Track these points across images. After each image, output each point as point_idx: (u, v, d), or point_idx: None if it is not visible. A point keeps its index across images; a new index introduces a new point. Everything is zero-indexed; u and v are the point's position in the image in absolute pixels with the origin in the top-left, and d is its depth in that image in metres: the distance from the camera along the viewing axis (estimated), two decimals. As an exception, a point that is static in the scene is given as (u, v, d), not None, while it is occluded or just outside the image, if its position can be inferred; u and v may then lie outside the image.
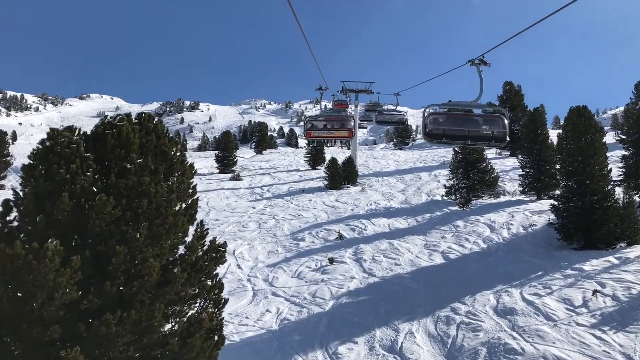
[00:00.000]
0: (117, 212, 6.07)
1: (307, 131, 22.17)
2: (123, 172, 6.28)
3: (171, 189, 6.82)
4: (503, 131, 12.42)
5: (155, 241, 6.35)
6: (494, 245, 19.54)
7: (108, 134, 6.30)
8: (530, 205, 24.60)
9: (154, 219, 6.36)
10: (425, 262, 18.29)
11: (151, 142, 6.69)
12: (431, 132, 12.77)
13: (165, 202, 6.35)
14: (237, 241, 22.03)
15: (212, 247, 7.40)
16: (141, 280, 6.12)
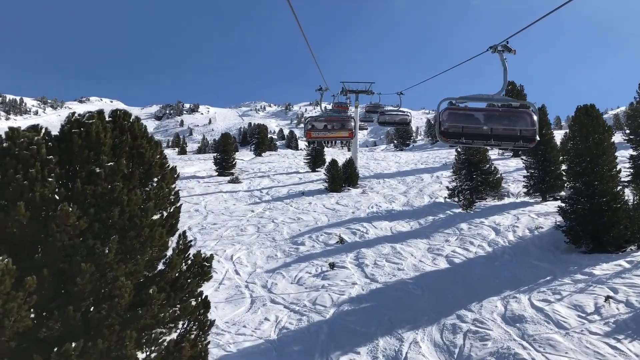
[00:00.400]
0: (82, 223, 5.29)
1: (307, 132, 22.01)
2: (91, 177, 5.52)
3: (148, 196, 6.08)
4: (532, 129, 10.78)
5: (128, 257, 5.59)
6: (499, 248, 18.95)
7: (75, 133, 5.55)
8: (536, 207, 24.02)
9: (127, 231, 5.61)
10: (429, 266, 17.71)
11: (126, 143, 5.96)
12: (447, 130, 11.03)
13: (140, 211, 5.62)
14: (235, 246, 21.45)
15: (196, 262, 6.66)
16: (111, 303, 5.33)
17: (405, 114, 33.38)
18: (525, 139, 10.85)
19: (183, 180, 40.42)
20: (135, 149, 6.12)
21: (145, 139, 6.36)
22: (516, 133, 10.82)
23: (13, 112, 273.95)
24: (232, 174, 42.10)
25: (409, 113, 33.61)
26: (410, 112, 33.96)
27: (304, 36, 11.10)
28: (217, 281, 17.52)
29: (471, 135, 11.04)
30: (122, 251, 5.65)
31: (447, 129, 11.10)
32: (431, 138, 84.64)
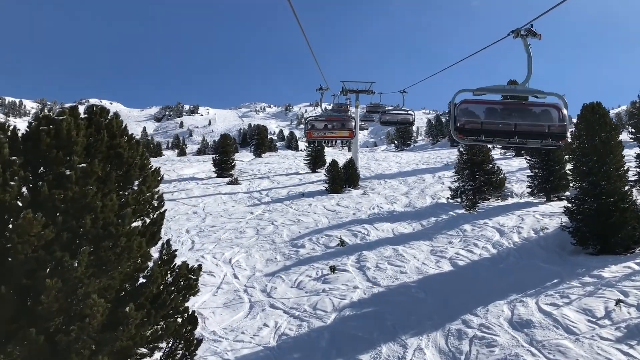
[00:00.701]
0: (49, 233, 4.63)
1: (307, 131, 21.96)
2: (60, 181, 4.87)
3: (126, 201, 5.51)
4: (562, 125, 9.52)
5: (102, 270, 5.02)
6: (504, 250, 18.51)
7: (43, 131, 4.95)
8: (540, 208, 23.58)
9: (101, 240, 5.02)
10: (432, 269, 17.27)
11: (102, 142, 5.39)
12: (463, 127, 9.61)
13: (116, 218, 5.05)
14: (234, 249, 21.00)
15: (181, 274, 6.12)
16: (81, 323, 4.65)
17: (408, 113, 31.98)
18: (554, 136, 9.49)
19: (182, 182, 40.00)
20: (114, 149, 5.54)
21: (124, 137, 5.79)
22: (544, 129, 9.42)
23: (12, 114, 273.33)
24: (232, 175, 41.67)
25: (412, 112, 32.10)
26: (413, 112, 32.20)
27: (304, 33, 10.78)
28: (215, 285, 17.10)
29: (492, 132, 9.58)
30: (94, 264, 5.01)
31: (464, 125, 9.67)
32: (432, 138, 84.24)
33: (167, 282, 5.94)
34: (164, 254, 6.08)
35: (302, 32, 10.34)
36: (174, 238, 23.06)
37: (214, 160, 43.67)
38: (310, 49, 12.66)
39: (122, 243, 5.19)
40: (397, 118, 31.86)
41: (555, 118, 9.50)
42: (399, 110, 32.09)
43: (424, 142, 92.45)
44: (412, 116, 31.88)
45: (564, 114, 9.51)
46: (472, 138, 9.90)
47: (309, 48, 12.63)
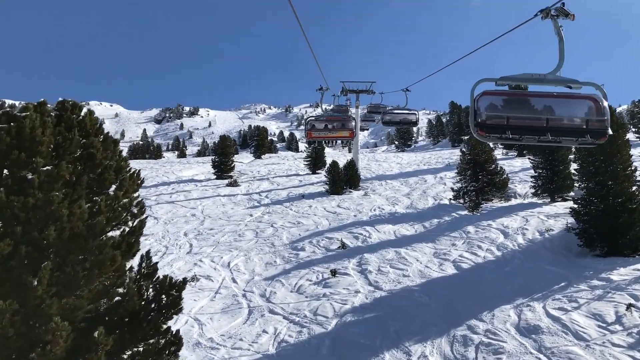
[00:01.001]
0: (4, 246, 4.04)
1: (307, 132, 21.67)
2: (21, 186, 4.30)
3: (99, 209, 4.96)
4: (601, 120, 8.03)
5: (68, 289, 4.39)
6: (509, 252, 18.09)
7: (2, 129, 4.40)
8: (545, 209, 23.14)
9: (67, 254, 4.45)
10: (435, 272, 16.85)
11: (72, 142, 4.79)
12: (485, 122, 8.20)
13: (86, 228, 4.55)
14: (233, 252, 20.57)
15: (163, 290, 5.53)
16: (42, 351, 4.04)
17: (411, 113, 29.79)
18: (593, 134, 8.03)
19: (180, 184, 39.49)
20: (86, 149, 5.01)
21: (102, 136, 5.24)
22: (581, 125, 8.04)
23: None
24: (231, 177, 41.20)
25: (415, 112, 29.88)
26: (416, 111, 29.97)
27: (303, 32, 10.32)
28: (213, 290, 16.70)
29: (520, 128, 8.13)
30: (58, 282, 4.35)
31: (485, 120, 8.22)
32: (432, 139, 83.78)
33: (146, 299, 5.35)
34: (144, 267, 5.49)
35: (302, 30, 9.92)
36: (172, 241, 22.65)
37: (213, 161, 43.19)
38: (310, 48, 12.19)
39: (92, 257, 4.63)
40: (399, 118, 29.78)
41: (594, 112, 8.10)
42: (402, 110, 30.10)
43: (424, 142, 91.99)
44: (415, 116, 29.82)
45: (603, 106, 8.11)
46: (495, 136, 8.38)
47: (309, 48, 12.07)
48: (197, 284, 17.33)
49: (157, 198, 33.33)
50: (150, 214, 28.51)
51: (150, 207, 30.04)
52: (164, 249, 21.49)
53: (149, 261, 5.39)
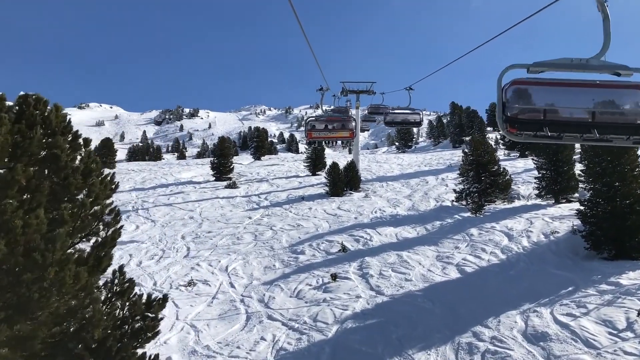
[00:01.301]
0: None
1: (308, 132, 21.49)
2: None
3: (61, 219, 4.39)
4: None
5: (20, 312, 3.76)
6: (513, 255, 17.65)
7: None
8: (549, 210, 22.70)
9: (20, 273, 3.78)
10: (438, 276, 16.40)
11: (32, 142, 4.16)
12: (516, 117, 6.56)
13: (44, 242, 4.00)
14: (231, 255, 20.13)
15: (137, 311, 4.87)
16: None
17: (414, 112, 28.04)
18: None
19: (179, 186, 39.10)
20: (50, 150, 4.46)
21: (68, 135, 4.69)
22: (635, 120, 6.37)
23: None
24: (230, 178, 40.78)
25: (419, 111, 28.11)
26: (420, 111, 28.27)
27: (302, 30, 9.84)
28: (210, 295, 16.26)
29: (559, 124, 6.51)
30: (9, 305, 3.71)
31: (517, 114, 6.60)
32: (433, 139, 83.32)
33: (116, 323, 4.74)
34: (116, 284, 4.86)
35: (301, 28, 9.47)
36: (169, 244, 22.23)
37: (212, 163, 42.79)
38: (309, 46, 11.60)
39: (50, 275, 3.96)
40: (402, 118, 28.12)
41: None
42: (405, 110, 28.41)
43: (425, 143, 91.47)
44: (419, 116, 28.12)
45: None
46: (529, 133, 6.66)
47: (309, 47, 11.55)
48: (194, 288, 16.90)
49: (155, 200, 32.94)
50: (148, 216, 28.12)
51: (148, 210, 29.67)
52: (160, 253, 21.06)
53: (122, 277, 4.77)
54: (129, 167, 57.40)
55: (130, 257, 20.67)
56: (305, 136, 22.21)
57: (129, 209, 30.25)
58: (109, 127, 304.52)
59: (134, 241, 23.15)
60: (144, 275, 18.41)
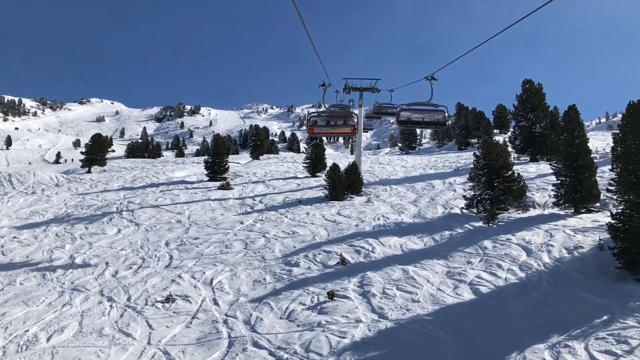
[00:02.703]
0: None
1: (310, 127, 20.87)
2: None
3: None
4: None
5: None
6: (534, 274, 15.60)
7: None
8: (570, 221, 20.64)
9: None
10: (450, 297, 14.35)
11: None
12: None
13: None
14: (218, 266, 18.10)
15: None
16: None
17: (438, 110, 20.09)
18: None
19: (170, 186, 37.12)
20: None
21: None
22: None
23: (11, 113, 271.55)
24: (225, 179, 38.74)
25: (444, 107, 20.13)
26: (445, 107, 20.07)
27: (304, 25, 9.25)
28: (190, 314, 14.24)
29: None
30: None
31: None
32: (438, 141, 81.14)
33: None
34: None
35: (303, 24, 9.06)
36: (151, 252, 20.21)
37: (206, 162, 40.69)
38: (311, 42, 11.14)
39: None
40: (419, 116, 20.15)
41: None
42: (425, 106, 20.22)
43: (429, 145, 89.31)
44: (444, 113, 20.22)
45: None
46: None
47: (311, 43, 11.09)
48: (172, 305, 14.88)
49: (142, 201, 30.93)
50: (132, 219, 26.11)
51: (133, 212, 27.65)
52: (140, 262, 19.05)
53: None
54: (122, 164, 55.39)
55: (107, 266, 18.66)
56: (307, 131, 21.75)
57: (112, 211, 28.25)
58: (109, 122, 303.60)
59: (113, 247, 21.13)
60: (118, 288, 16.38)
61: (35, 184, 39.50)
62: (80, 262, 19.32)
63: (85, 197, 33.48)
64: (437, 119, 20.22)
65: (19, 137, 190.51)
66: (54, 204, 31.50)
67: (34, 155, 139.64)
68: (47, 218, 27.49)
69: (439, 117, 20.15)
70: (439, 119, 20.18)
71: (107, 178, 42.77)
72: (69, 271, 18.37)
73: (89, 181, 41.25)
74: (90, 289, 16.40)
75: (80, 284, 16.96)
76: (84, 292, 16.10)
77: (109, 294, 15.90)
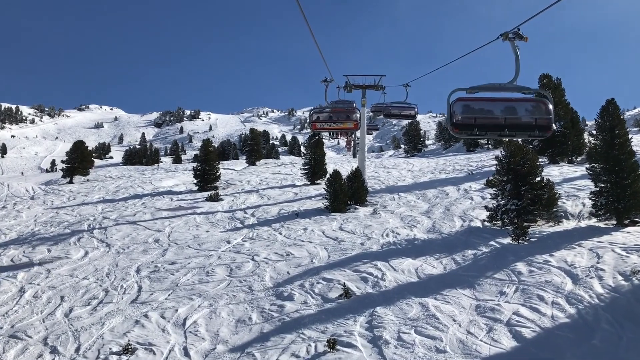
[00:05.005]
0: None
1: (312, 123, 21.88)
2: None
3: None
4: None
5: None
6: (588, 310, 12.33)
7: None
8: (616, 237, 17.38)
9: None
10: (485, 344, 11.07)
11: None
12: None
13: None
14: (194, 301, 14.79)
15: None
16: None
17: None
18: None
19: (154, 197, 33.85)
20: None
21: None
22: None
23: (8, 120, 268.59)
24: (216, 188, 35.38)
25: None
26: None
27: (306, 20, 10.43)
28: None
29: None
30: None
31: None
32: (444, 142, 77.79)
33: None
34: None
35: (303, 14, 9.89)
36: (117, 281, 16.92)
37: (195, 170, 37.26)
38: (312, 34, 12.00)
39: None
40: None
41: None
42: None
43: (434, 146, 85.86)
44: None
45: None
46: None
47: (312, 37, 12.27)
48: (131, 358, 11.59)
49: (119, 216, 27.61)
50: (103, 238, 22.82)
51: (106, 230, 24.33)
52: (102, 295, 15.76)
53: None
54: (108, 173, 52.12)
55: (61, 302, 15.36)
56: (310, 127, 22.59)
57: (83, 229, 24.90)
58: (107, 129, 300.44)
59: (74, 275, 17.85)
60: (67, 333, 13.07)
61: (9, 197, 36.31)
62: (30, 296, 16.02)
63: (59, 212, 30.19)
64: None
65: (15, 145, 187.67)
66: (22, 221, 28.22)
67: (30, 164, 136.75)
68: (9, 238, 24.17)
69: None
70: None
71: (88, 189, 39.51)
72: (13, 309, 15.07)
73: (67, 193, 38.01)
74: (33, 335, 13.10)
75: (22, 327, 13.65)
76: (22, 341, 12.79)
77: (54, 342, 12.61)
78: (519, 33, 9.88)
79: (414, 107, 30.88)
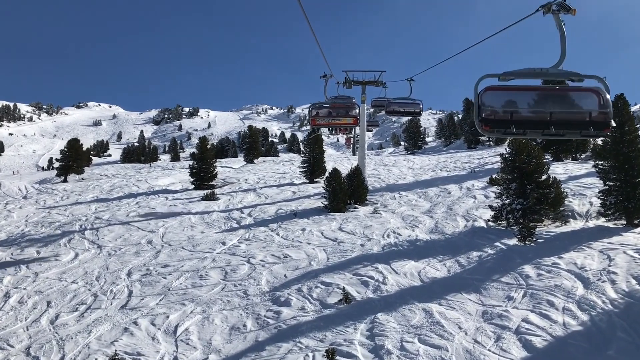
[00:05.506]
0: None
1: (312, 118, 21.83)
2: None
3: None
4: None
5: None
6: (601, 317, 11.65)
7: None
8: (627, 237, 16.73)
9: None
10: (493, 354, 10.43)
11: None
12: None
13: None
14: (187, 306, 14.11)
15: None
16: None
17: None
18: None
19: (149, 197, 33.13)
20: None
21: None
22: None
23: (6, 118, 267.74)
24: (212, 186, 34.69)
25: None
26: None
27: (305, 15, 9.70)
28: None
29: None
30: None
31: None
32: (444, 139, 77.08)
33: None
34: None
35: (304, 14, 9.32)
36: (106, 286, 16.22)
37: (191, 168, 36.54)
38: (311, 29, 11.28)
39: None
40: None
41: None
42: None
43: (435, 143, 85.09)
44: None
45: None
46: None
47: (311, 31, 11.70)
48: (114, 377, 10.92)
49: (112, 216, 26.89)
50: (95, 240, 22.12)
51: (97, 231, 23.63)
52: (90, 300, 15.07)
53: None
54: (104, 171, 51.39)
55: (47, 308, 14.67)
56: (309, 123, 22.26)
57: (74, 229, 24.18)
58: (106, 126, 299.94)
59: (62, 279, 17.16)
60: (51, 342, 12.39)
61: (1, 196, 35.57)
62: (16, 302, 15.33)
63: (52, 212, 29.46)
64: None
65: (13, 143, 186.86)
66: (12, 221, 27.49)
67: (27, 162, 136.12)
68: (-1, 239, 23.49)
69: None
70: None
71: (82, 188, 38.74)
72: (-3, 316, 14.38)
73: (61, 192, 37.26)
74: (15, 345, 12.42)
75: (4, 336, 12.97)
76: (3, 351, 12.11)
77: (37, 352, 11.94)
78: (564, 4, 7.95)
79: (419, 104, 28.23)
